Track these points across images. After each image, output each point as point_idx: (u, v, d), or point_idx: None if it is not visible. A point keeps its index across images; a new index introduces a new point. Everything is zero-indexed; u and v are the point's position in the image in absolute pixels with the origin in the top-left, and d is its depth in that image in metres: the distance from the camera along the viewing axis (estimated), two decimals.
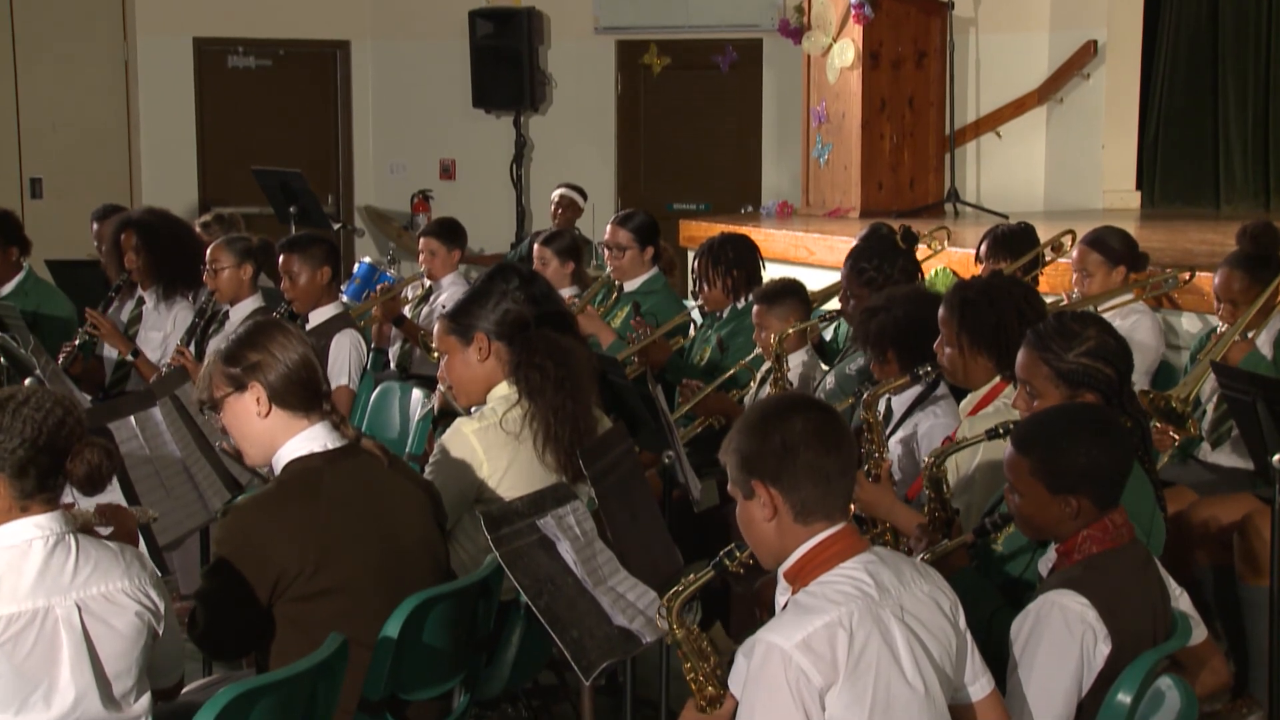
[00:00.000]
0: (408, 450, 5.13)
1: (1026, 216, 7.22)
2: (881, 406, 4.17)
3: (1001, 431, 3.35)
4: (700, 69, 11.17)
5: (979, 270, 6.10)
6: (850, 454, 2.73)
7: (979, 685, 2.77)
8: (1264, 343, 4.92)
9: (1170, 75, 10.30)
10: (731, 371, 5.45)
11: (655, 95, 11.40)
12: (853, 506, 3.30)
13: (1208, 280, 5.34)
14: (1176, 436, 4.70)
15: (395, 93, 11.71)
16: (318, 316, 5.64)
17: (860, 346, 4.50)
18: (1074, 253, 5.72)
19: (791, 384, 5.19)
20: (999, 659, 2.88)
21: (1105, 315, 4.99)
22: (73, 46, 11.01)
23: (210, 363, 3.30)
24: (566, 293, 6.30)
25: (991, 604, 3.17)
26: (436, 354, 4.16)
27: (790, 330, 5.18)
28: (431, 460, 3.90)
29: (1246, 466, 4.63)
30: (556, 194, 9.23)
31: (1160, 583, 3.07)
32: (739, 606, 4.39)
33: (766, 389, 5.18)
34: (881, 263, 5.09)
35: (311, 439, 3.23)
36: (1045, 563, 3.12)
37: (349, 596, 3.12)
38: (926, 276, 6.66)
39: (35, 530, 2.74)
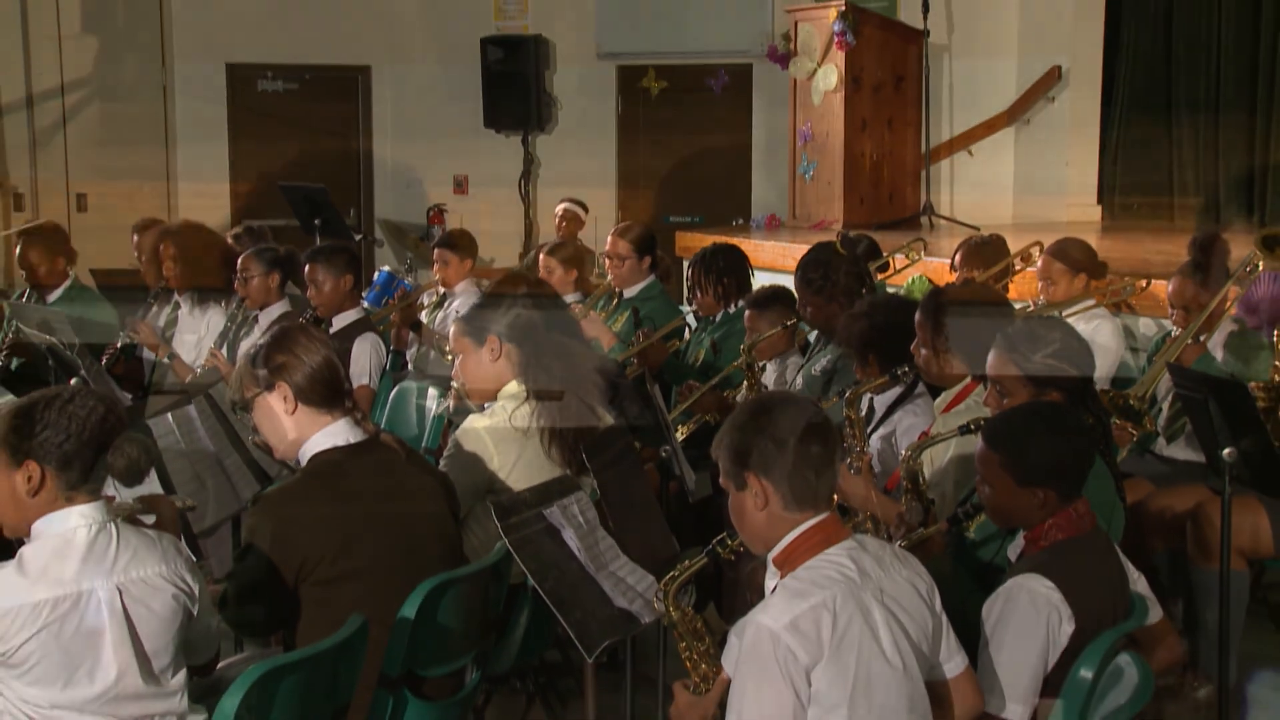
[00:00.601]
0: (424, 445, 5.12)
1: (996, 228, 7.22)
2: (864, 405, 4.17)
3: (973, 428, 3.34)
4: (695, 91, 11.16)
5: (953, 278, 6.09)
6: (834, 447, 2.73)
7: (954, 663, 2.77)
8: (1215, 345, 4.92)
9: (1128, 98, 10.31)
10: (725, 372, 5.44)
11: (653, 116, 11.39)
12: (836, 497, 3.30)
13: (1163, 287, 5.33)
14: (1134, 432, 4.69)
15: (412, 114, 11.70)
16: (340, 321, 5.63)
17: (845, 351, 4.49)
18: (1040, 262, 5.72)
19: (767, 386, 5.18)
20: (971, 638, 2.88)
21: (1069, 320, 4.99)
22: (115, 72, 11.01)
23: (241, 364, 3.31)
24: (570, 299, 6.29)
25: (965, 587, 3.16)
26: (451, 355, 4.15)
27: (761, 337, 5.19)
28: (446, 454, 3.89)
29: (1199, 460, 4.62)
30: (561, 207, 9.22)
31: (1120, 567, 3.07)
32: (731, 590, 4.38)
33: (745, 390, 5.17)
34: (826, 270, 5.08)
35: (334, 434, 3.22)
36: (1014, 549, 3.12)
37: (369, 580, 3.11)
38: (904, 284, 6.65)
39: (79, 519, 2.74)
